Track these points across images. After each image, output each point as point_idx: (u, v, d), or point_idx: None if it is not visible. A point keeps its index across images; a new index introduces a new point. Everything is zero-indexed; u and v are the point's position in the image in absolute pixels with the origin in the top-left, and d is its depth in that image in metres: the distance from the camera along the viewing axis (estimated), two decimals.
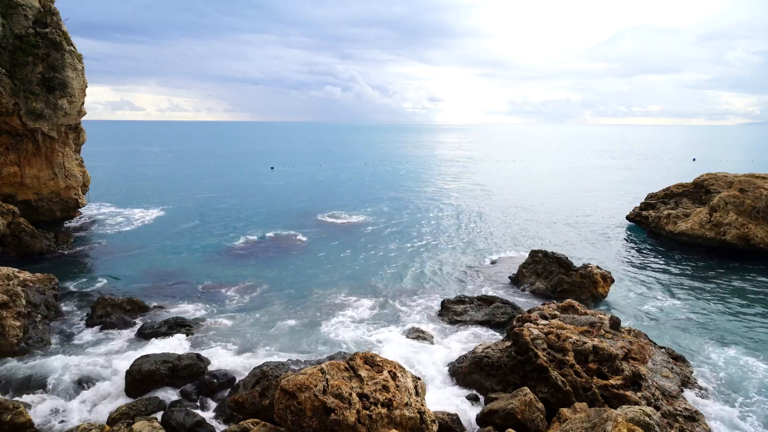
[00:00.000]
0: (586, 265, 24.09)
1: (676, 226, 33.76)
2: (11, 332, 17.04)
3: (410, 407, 10.86)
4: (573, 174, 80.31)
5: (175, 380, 15.22)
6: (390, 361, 12.03)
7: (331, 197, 53.92)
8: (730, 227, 30.71)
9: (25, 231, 29.30)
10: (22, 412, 12.94)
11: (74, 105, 34.23)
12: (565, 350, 14.47)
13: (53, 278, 21.98)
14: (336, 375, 11.08)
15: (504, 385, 14.62)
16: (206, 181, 66.38)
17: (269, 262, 29.14)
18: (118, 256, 29.97)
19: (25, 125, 31.95)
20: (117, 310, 20.26)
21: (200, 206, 46.96)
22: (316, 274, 27.17)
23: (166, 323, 19.23)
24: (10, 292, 18.29)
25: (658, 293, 24.70)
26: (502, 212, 45.89)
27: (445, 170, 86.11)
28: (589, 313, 17.36)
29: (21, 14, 31.67)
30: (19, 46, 31.34)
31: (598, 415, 10.84)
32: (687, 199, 37.17)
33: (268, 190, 58.72)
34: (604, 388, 13.43)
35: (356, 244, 33.75)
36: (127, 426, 12.25)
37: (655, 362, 15.43)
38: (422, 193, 57.72)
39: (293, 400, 10.61)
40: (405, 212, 45.54)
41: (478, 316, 20.46)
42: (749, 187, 31.71)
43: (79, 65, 34.50)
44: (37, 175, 33.86)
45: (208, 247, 32.57)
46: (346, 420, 10.16)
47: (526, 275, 25.36)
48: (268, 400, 12.53)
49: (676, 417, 12.87)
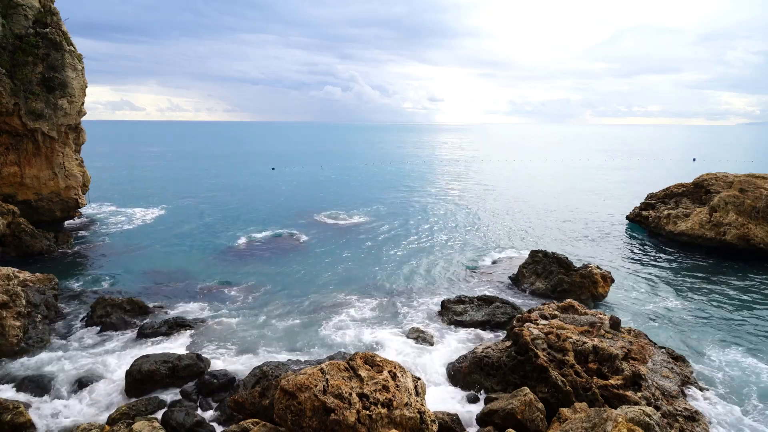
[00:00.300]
0: (586, 265, 24.09)
1: (676, 226, 33.76)
2: (11, 332, 17.04)
3: (410, 407, 10.86)
4: (573, 174, 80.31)
5: (175, 380, 15.22)
6: (390, 361, 12.03)
7: (332, 197, 53.92)
8: (730, 227, 30.70)
9: (25, 231, 29.30)
10: (22, 412, 12.95)
11: (74, 105, 34.23)
12: (565, 350, 14.48)
13: (53, 278, 21.98)
14: (336, 375, 11.08)
15: (504, 385, 14.62)
16: (206, 181, 66.39)
17: (270, 262, 29.14)
18: (118, 256, 29.97)
19: (25, 125, 31.94)
20: (117, 310, 20.25)
21: (201, 206, 46.96)
22: (317, 274, 27.17)
23: (166, 323, 19.23)
24: (10, 292, 18.29)
25: (658, 293, 24.70)
26: (502, 212, 45.88)
27: (445, 170, 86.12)
28: (589, 313, 17.36)
29: (21, 14, 31.66)
30: (19, 46, 31.33)
31: (598, 415, 10.84)
32: (687, 199, 37.18)
33: (268, 190, 58.72)
34: (604, 388, 13.43)
35: (356, 244, 33.74)
36: (127, 426, 12.25)
37: (655, 362, 15.42)
38: (422, 194, 57.72)
39: (293, 400, 10.60)
40: (405, 212, 45.54)
41: (478, 316, 20.46)
42: (749, 187, 31.71)
43: (79, 65, 34.49)
44: (37, 175, 33.85)
45: (209, 247, 32.58)
46: (346, 420, 10.16)
47: (526, 275, 25.36)
48: (268, 400, 12.53)
49: (676, 417, 12.87)
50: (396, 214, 44.37)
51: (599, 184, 67.58)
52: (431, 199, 53.65)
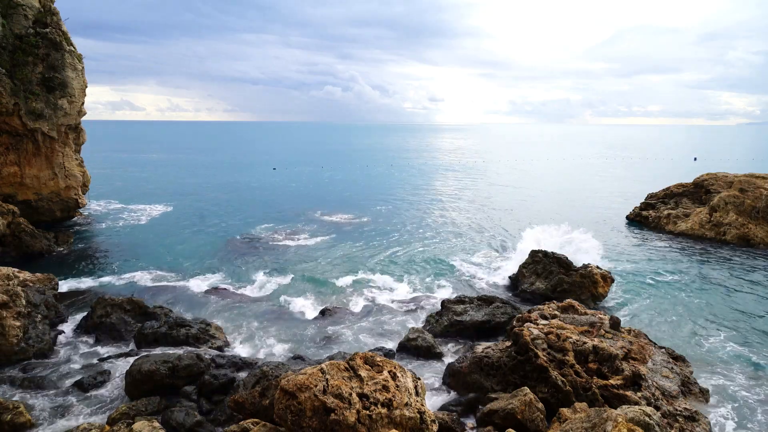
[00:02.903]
0: (586, 265, 24.08)
1: (676, 226, 33.76)
2: (11, 332, 17.03)
3: (410, 407, 10.85)
4: (573, 173, 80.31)
5: (175, 380, 15.20)
6: (390, 361, 12.03)
7: (333, 197, 53.94)
8: (730, 227, 30.70)
9: (25, 231, 29.30)
10: (22, 412, 12.95)
11: (74, 105, 34.23)
12: (565, 350, 14.47)
13: (53, 278, 21.97)
14: (336, 375, 11.08)
15: (504, 385, 14.61)
16: (206, 181, 66.37)
17: (270, 262, 29.13)
18: (118, 256, 29.97)
19: (25, 125, 31.94)
20: (117, 310, 20.22)
21: (201, 206, 46.96)
22: (317, 273, 27.17)
23: (166, 323, 19.21)
24: (10, 292, 18.28)
25: (658, 293, 24.70)
26: (502, 211, 45.88)
27: (446, 170, 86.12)
28: (589, 313, 17.36)
29: (21, 14, 31.66)
30: (19, 46, 31.33)
31: (598, 415, 10.84)
32: (687, 199, 37.18)
33: (269, 190, 58.72)
34: (604, 388, 13.43)
35: (357, 243, 33.74)
36: (127, 426, 12.24)
37: (655, 362, 15.42)
38: (422, 193, 57.72)
39: (293, 400, 10.60)
40: (405, 212, 45.55)
41: (478, 316, 20.44)
42: (749, 187, 31.72)
43: (79, 65, 34.49)
44: (37, 175, 33.85)
45: (209, 246, 32.56)
46: (346, 420, 10.16)
47: (526, 275, 25.35)
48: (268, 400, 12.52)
49: (676, 417, 12.87)
50: (396, 214, 44.37)
51: (599, 183, 67.57)
52: (431, 198, 53.66)
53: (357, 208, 46.57)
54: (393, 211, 45.78)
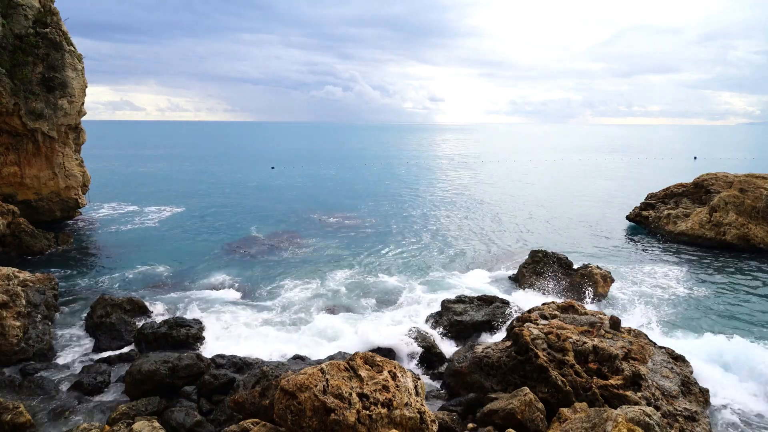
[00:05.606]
0: (586, 265, 24.09)
1: (676, 226, 33.76)
2: (11, 332, 17.03)
3: (410, 407, 10.85)
4: (573, 173, 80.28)
5: (175, 380, 15.20)
6: (390, 361, 12.02)
7: (333, 197, 53.94)
8: (730, 227, 30.70)
9: (25, 231, 29.30)
10: (22, 412, 12.94)
11: (74, 105, 34.23)
12: (565, 350, 14.47)
13: (53, 278, 21.97)
14: (336, 375, 11.08)
15: (504, 385, 14.60)
16: (206, 180, 66.38)
17: (270, 262, 29.13)
18: (118, 256, 29.97)
19: (25, 125, 31.94)
20: (117, 310, 20.23)
21: (200, 206, 46.96)
22: (317, 273, 27.16)
23: (166, 323, 19.20)
24: (10, 292, 18.29)
25: (658, 293, 24.69)
26: (502, 211, 45.87)
27: (446, 170, 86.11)
28: (589, 313, 17.36)
29: (21, 14, 31.66)
30: (19, 46, 31.33)
31: (598, 415, 10.84)
32: (687, 199, 37.16)
33: (269, 190, 58.72)
34: (604, 388, 13.42)
35: (356, 243, 33.75)
36: (127, 426, 12.24)
37: (655, 362, 15.41)
38: (423, 193, 57.72)
39: (293, 400, 10.60)
40: (405, 212, 45.54)
41: (478, 316, 20.44)
42: (749, 187, 31.71)
43: (79, 65, 34.49)
44: (37, 175, 33.85)
45: (209, 246, 32.57)
46: (346, 420, 10.16)
47: (526, 275, 25.35)
48: (268, 400, 12.52)
49: (676, 417, 12.87)
50: (396, 214, 44.36)
51: (599, 183, 67.55)
52: (431, 198, 53.65)
53: (357, 208, 46.57)
54: (392, 211, 45.77)
